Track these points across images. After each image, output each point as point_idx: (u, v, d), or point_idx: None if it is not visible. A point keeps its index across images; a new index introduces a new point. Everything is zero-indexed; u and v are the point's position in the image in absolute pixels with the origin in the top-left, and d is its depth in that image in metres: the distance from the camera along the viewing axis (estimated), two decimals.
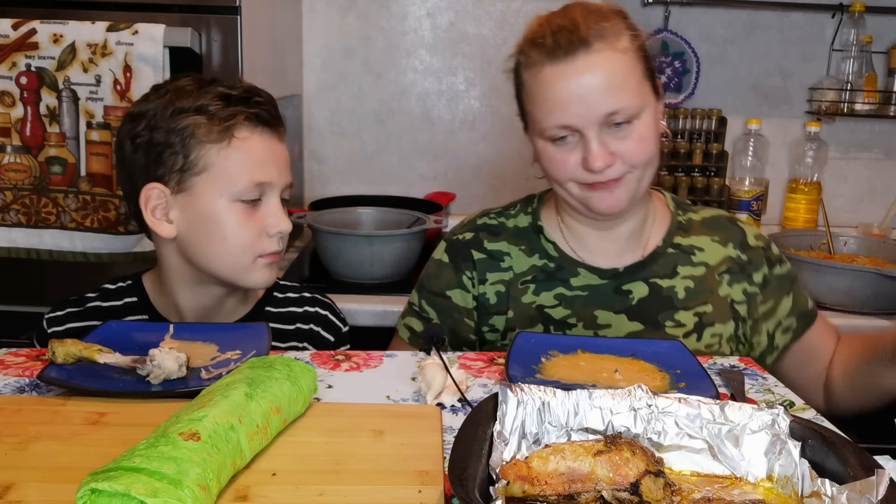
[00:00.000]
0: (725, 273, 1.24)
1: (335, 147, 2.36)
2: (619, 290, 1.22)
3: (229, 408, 0.69)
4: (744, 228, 1.30)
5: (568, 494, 0.62)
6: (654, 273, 1.23)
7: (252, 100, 1.13)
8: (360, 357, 1.01)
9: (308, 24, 2.27)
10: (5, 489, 0.64)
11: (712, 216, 1.30)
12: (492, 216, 1.31)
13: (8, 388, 0.88)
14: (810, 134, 2.27)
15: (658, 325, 1.21)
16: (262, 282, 1.16)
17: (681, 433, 0.68)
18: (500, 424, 0.66)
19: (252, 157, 1.12)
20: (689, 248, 1.25)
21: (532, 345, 1.01)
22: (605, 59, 1.09)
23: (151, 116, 1.11)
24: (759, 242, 1.28)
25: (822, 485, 0.59)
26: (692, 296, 1.22)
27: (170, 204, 1.12)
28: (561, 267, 1.24)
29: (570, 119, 1.10)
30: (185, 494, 0.57)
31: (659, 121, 1.17)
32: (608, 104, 1.09)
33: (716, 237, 1.27)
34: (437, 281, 1.29)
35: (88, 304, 1.23)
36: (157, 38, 1.50)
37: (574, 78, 1.09)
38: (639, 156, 1.13)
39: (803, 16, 2.33)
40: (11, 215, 1.58)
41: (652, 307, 1.22)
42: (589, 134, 1.10)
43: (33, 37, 1.51)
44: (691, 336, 1.20)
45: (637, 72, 1.12)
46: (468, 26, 2.28)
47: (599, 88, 1.09)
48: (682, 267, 1.24)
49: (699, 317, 1.21)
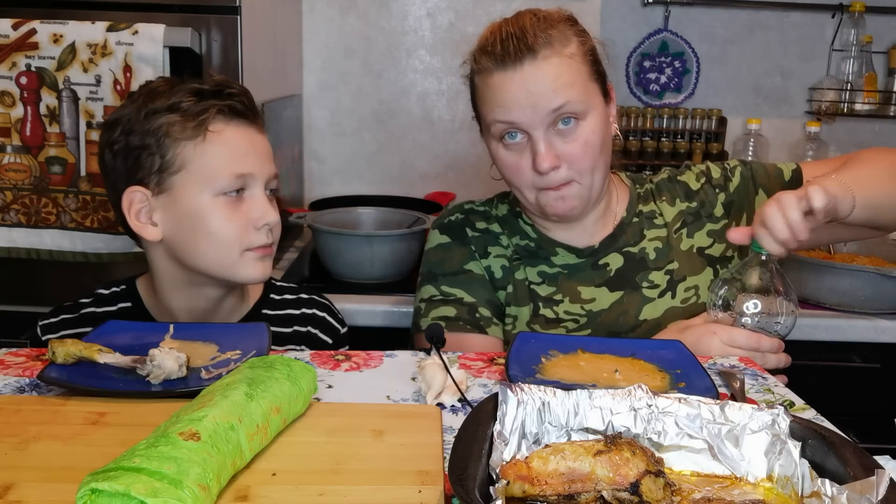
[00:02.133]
0: (681, 228, 1.31)
1: (335, 147, 2.35)
2: (597, 266, 1.29)
3: (229, 408, 0.69)
4: (684, 180, 1.34)
5: (568, 494, 0.62)
6: (626, 242, 1.30)
7: (224, 92, 1.12)
8: (360, 357, 1.01)
9: (308, 24, 2.27)
10: (5, 489, 0.64)
11: (659, 179, 1.36)
12: (477, 205, 1.37)
13: (8, 388, 0.88)
14: (810, 134, 2.27)
15: (636, 288, 1.27)
16: (254, 276, 1.14)
17: (681, 433, 0.68)
18: (500, 424, 0.66)
19: (229, 149, 1.11)
20: (651, 214, 1.32)
21: (532, 345, 1.01)
22: (551, 65, 1.14)
23: (126, 122, 1.10)
24: (699, 181, 1.33)
25: (822, 485, 0.59)
26: (661, 256, 1.29)
27: (152, 206, 1.11)
28: (540, 246, 1.30)
29: (517, 117, 1.15)
30: (185, 494, 0.57)
31: (608, 124, 1.22)
32: (553, 101, 1.13)
33: (664, 198, 1.33)
34: (449, 262, 1.30)
35: (83, 311, 1.22)
36: (157, 38, 1.50)
37: (520, 83, 1.14)
38: (583, 161, 1.17)
39: (803, 16, 2.33)
40: (11, 215, 1.58)
41: (629, 273, 1.28)
42: (536, 134, 1.15)
43: (33, 37, 1.51)
44: (666, 294, 1.27)
45: (583, 74, 1.17)
46: (468, 26, 2.28)
47: (545, 90, 1.14)
48: (648, 231, 1.31)
49: (669, 274, 1.28)
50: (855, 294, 1.68)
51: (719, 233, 1.31)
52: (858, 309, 1.69)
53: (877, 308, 1.69)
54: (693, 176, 1.35)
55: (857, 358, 1.72)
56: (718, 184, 1.33)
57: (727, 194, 1.32)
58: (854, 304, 1.69)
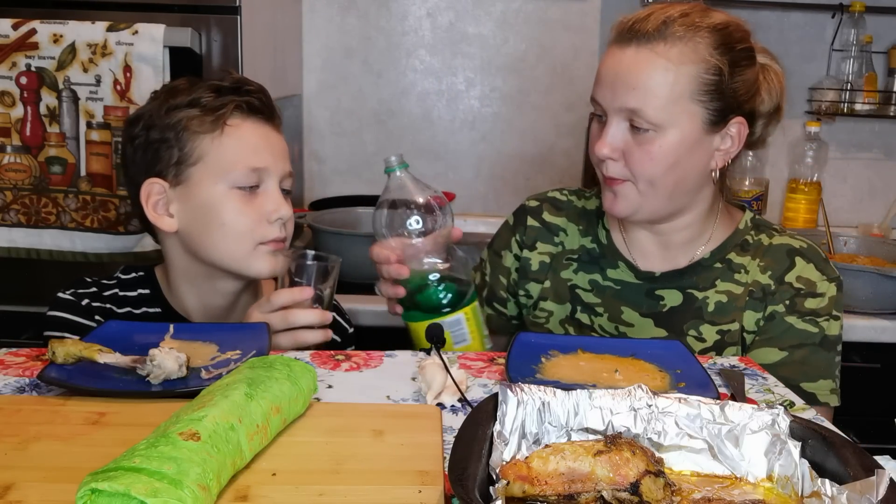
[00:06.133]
0: (748, 297, 1.18)
1: (335, 147, 2.35)
2: (652, 294, 1.22)
3: (229, 408, 0.69)
4: (797, 264, 1.18)
5: (568, 494, 0.62)
6: (692, 283, 1.20)
7: (242, 89, 1.16)
8: (360, 357, 1.01)
9: (308, 24, 2.27)
10: (5, 489, 0.64)
11: (779, 243, 1.20)
12: (564, 192, 1.35)
13: (8, 388, 0.88)
14: (810, 134, 2.27)
15: (681, 334, 1.19)
16: (266, 270, 1.16)
17: (681, 433, 0.68)
18: (500, 424, 0.66)
19: (245, 144, 1.14)
20: (738, 266, 1.19)
21: (532, 345, 1.01)
22: (649, 63, 1.08)
23: (148, 117, 1.14)
24: (798, 283, 1.16)
25: (822, 485, 0.59)
26: (721, 311, 1.18)
27: (169, 198, 1.14)
28: (605, 255, 1.27)
29: (598, 94, 1.13)
30: (185, 494, 0.57)
31: (696, 154, 1.11)
32: (626, 99, 1.09)
33: (763, 263, 1.19)
34: (498, 241, 1.38)
35: (106, 293, 1.23)
36: (157, 38, 1.50)
37: (617, 62, 1.11)
38: (641, 167, 1.11)
39: (803, 16, 2.32)
40: (11, 215, 1.58)
41: (680, 316, 1.20)
42: (610, 119, 1.12)
43: (33, 37, 1.51)
44: (708, 354, 1.16)
45: (682, 89, 1.08)
46: (468, 26, 2.28)
47: (629, 83, 1.09)
48: (722, 282, 1.19)
49: (721, 335, 1.17)
50: (855, 294, 1.68)
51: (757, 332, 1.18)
52: (858, 309, 1.69)
53: (877, 308, 1.69)
54: (806, 273, 1.17)
55: (857, 358, 1.72)
56: (797, 305, 1.16)
57: (783, 319, 1.16)
58: (854, 304, 1.69)
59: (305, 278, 1.11)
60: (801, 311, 1.16)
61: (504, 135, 2.35)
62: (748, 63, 1.13)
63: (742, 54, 1.12)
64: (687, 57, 1.08)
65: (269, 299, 1.09)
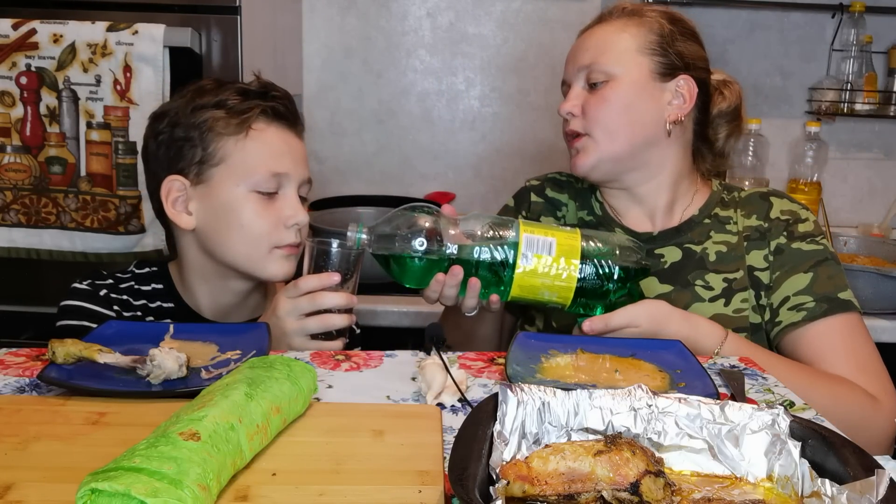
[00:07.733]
0: (745, 241, 1.28)
1: (335, 147, 2.36)
2: (651, 254, 1.27)
3: (229, 408, 0.69)
4: (773, 202, 1.31)
5: (568, 494, 0.62)
6: (689, 239, 1.29)
7: (268, 94, 1.18)
8: (360, 357, 1.01)
9: (308, 24, 2.27)
10: (5, 489, 0.64)
11: (749, 193, 1.34)
12: (563, 175, 1.42)
13: (8, 388, 0.88)
14: (810, 134, 2.27)
15: (687, 285, 1.25)
16: (279, 273, 1.18)
17: (681, 433, 0.68)
18: (500, 424, 0.66)
19: (268, 148, 1.16)
20: (725, 219, 1.30)
21: (532, 345, 1.01)
22: (601, 29, 1.25)
23: (173, 114, 1.16)
24: (784, 216, 1.28)
25: (822, 485, 0.59)
26: (723, 260, 1.26)
27: (189, 195, 1.16)
28: (601, 223, 1.33)
29: (564, 75, 1.29)
30: (185, 494, 0.57)
31: (643, 98, 1.23)
32: (582, 59, 1.24)
33: (744, 211, 1.31)
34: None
35: (122, 285, 1.23)
36: (157, 38, 1.50)
37: (579, 42, 1.28)
38: (597, 112, 1.22)
39: (803, 16, 2.33)
40: (11, 215, 1.58)
41: (683, 270, 1.27)
42: (572, 83, 1.26)
43: (33, 37, 1.51)
44: (719, 300, 1.23)
45: (629, 45, 1.22)
46: (468, 26, 2.28)
47: (584, 46, 1.25)
48: (716, 234, 1.29)
49: (728, 282, 1.24)
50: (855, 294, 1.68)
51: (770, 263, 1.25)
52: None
53: (877, 308, 1.69)
54: (783, 207, 1.29)
55: None
56: (793, 231, 1.26)
57: (789, 245, 1.25)
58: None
59: (330, 265, 1.11)
60: (801, 236, 1.26)
61: (504, 135, 2.35)
62: (692, 38, 1.27)
63: (685, 28, 1.27)
64: (633, 22, 1.24)
65: (297, 284, 1.10)
